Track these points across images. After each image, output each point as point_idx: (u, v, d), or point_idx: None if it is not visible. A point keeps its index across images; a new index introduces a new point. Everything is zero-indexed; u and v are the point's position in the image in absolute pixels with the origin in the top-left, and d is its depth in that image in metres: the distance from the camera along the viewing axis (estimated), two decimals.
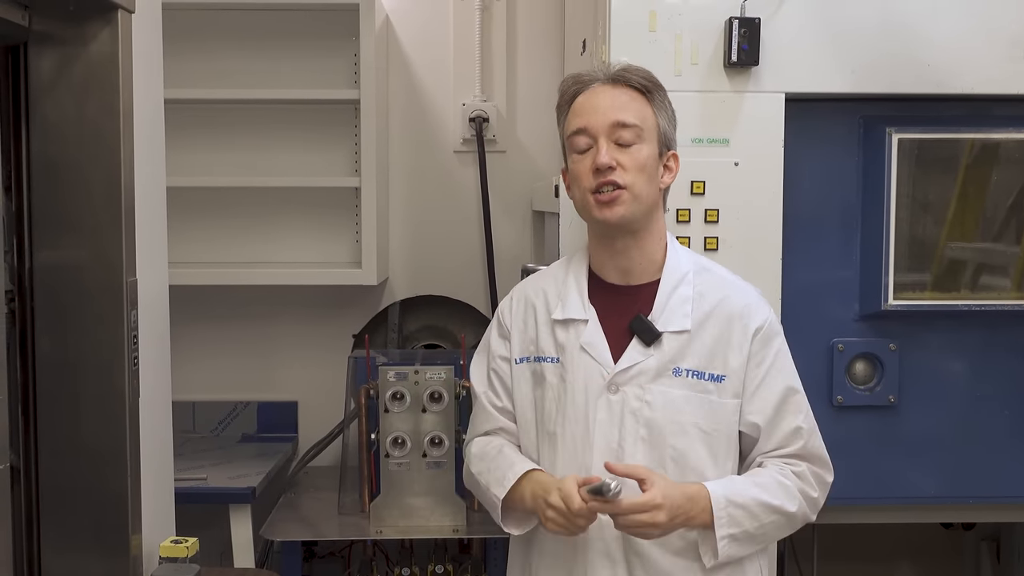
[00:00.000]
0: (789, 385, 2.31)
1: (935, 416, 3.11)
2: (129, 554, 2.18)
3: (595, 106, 2.29)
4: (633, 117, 2.26)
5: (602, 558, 2.25)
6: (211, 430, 4.32)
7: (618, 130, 2.25)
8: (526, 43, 4.28)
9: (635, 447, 2.23)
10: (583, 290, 2.35)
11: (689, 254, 2.39)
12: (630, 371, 2.25)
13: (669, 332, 2.25)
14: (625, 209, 2.24)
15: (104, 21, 2.10)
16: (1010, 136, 2.99)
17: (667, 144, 2.32)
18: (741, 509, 2.19)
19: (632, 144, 2.25)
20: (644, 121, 2.27)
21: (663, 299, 2.27)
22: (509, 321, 2.45)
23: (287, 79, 4.11)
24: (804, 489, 2.28)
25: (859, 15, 2.93)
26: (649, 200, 2.28)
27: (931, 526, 4.02)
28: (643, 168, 2.25)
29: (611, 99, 2.28)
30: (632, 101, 2.29)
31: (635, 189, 2.24)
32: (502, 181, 4.28)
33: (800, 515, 2.28)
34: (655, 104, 2.31)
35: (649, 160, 2.27)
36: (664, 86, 2.36)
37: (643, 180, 2.25)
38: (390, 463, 3.36)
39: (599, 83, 2.32)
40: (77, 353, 2.15)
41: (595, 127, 2.26)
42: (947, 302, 3.04)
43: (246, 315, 4.31)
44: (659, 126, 2.30)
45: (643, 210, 2.27)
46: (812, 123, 3.02)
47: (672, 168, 2.34)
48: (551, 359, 2.34)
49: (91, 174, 2.13)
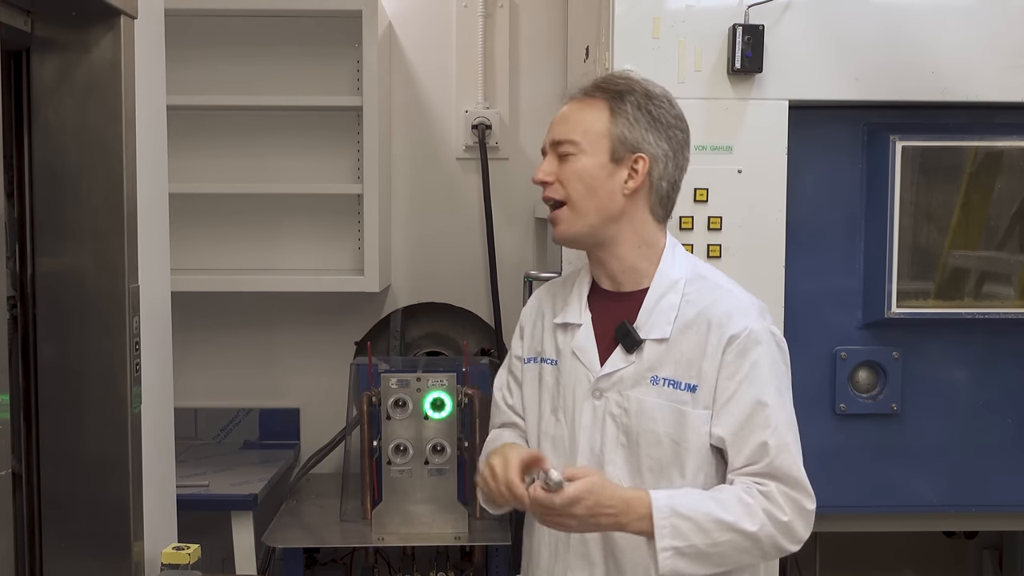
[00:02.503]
0: (759, 399, 2.17)
1: (938, 424, 3.11)
2: (131, 560, 2.18)
3: (551, 123, 2.31)
4: (572, 131, 2.24)
5: (581, 560, 2.27)
6: (213, 437, 4.32)
7: (557, 146, 2.26)
8: (529, 50, 4.29)
9: (615, 453, 2.23)
10: (583, 295, 2.36)
11: (688, 262, 2.32)
12: (612, 377, 2.24)
13: (650, 340, 2.23)
14: (567, 227, 2.26)
15: (107, 27, 2.10)
16: (1014, 144, 2.99)
17: (630, 148, 2.23)
18: (688, 521, 2.08)
19: (569, 157, 2.24)
20: (585, 133, 2.23)
21: (649, 307, 2.25)
22: (524, 322, 2.49)
23: (290, 86, 4.11)
24: (770, 510, 2.13)
25: (863, 22, 2.93)
26: (600, 211, 2.24)
27: (934, 535, 4.02)
28: (578, 179, 2.22)
29: (563, 115, 2.29)
30: (579, 112, 2.26)
31: (575, 202, 2.23)
32: (505, 188, 4.27)
33: (766, 539, 2.12)
34: (615, 110, 2.24)
35: (587, 169, 2.23)
36: (646, 89, 2.27)
37: (582, 191, 2.23)
38: (392, 470, 3.36)
39: (569, 99, 2.31)
40: (79, 359, 2.15)
41: (545, 145, 2.30)
42: (950, 310, 3.03)
43: (248, 322, 4.31)
44: (612, 133, 2.23)
45: (592, 223, 2.25)
46: (816, 130, 3.02)
47: (639, 171, 2.24)
48: (550, 361, 2.36)
49: (93, 180, 2.12)
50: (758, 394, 2.18)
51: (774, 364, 2.22)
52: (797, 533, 2.17)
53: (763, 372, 2.20)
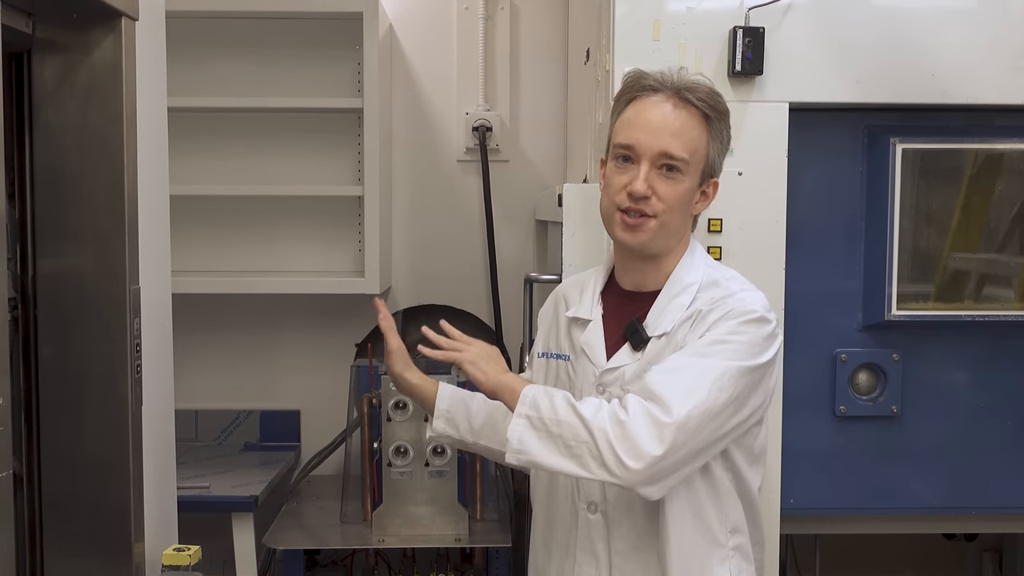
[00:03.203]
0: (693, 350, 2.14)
1: (938, 426, 3.11)
2: (131, 562, 2.18)
3: (647, 123, 2.20)
4: (683, 149, 2.18)
5: (588, 556, 2.29)
6: (214, 438, 4.32)
7: (664, 159, 2.18)
8: (529, 52, 4.29)
9: None
10: (596, 292, 2.36)
11: (706, 267, 2.30)
12: (615, 372, 2.25)
13: (654, 336, 2.24)
14: (648, 238, 2.21)
15: (108, 29, 2.10)
16: (1014, 146, 2.99)
17: (711, 172, 2.25)
18: (546, 396, 2.10)
19: (674, 176, 2.18)
20: (694, 153, 2.19)
21: (659, 308, 2.25)
22: (540, 322, 2.52)
23: (290, 88, 4.12)
24: (614, 409, 2.05)
25: (863, 25, 2.93)
26: (677, 230, 2.24)
27: (933, 537, 4.02)
28: (679, 201, 2.20)
29: (667, 121, 2.19)
30: (688, 127, 2.19)
31: (664, 219, 2.19)
32: (505, 190, 4.28)
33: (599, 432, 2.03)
34: (712, 132, 2.22)
35: (687, 194, 2.21)
36: (727, 107, 2.26)
37: (676, 212, 2.20)
38: (392, 472, 3.36)
39: (661, 95, 2.22)
40: (80, 361, 2.15)
41: (641, 149, 2.19)
42: (950, 312, 3.03)
43: (249, 324, 4.31)
44: (708, 156, 2.22)
45: (668, 239, 2.24)
46: (816, 133, 3.02)
47: (709, 195, 2.27)
48: (564, 357, 2.38)
49: (94, 182, 2.12)
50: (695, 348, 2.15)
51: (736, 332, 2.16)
52: (637, 440, 2.02)
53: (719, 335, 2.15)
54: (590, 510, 2.28)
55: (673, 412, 2.03)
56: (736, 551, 2.27)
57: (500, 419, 2.36)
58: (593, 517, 2.27)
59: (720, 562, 2.25)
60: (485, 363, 2.23)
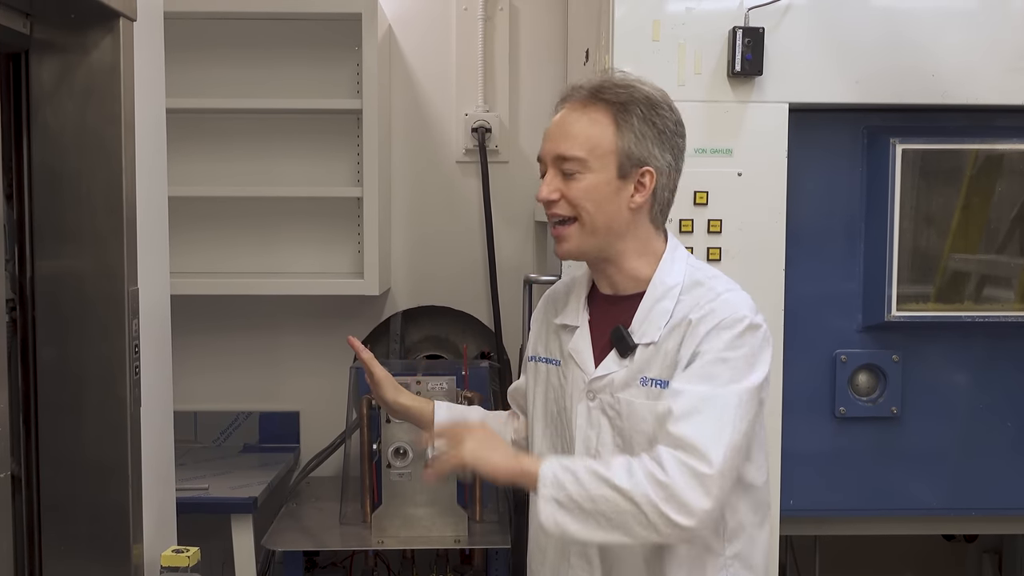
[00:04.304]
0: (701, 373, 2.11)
1: (938, 427, 3.11)
2: (130, 564, 2.17)
3: (548, 133, 2.25)
4: (577, 148, 2.18)
5: (580, 560, 2.28)
6: (213, 440, 4.31)
7: (561, 162, 2.20)
8: (529, 53, 4.29)
9: (610, 453, 2.22)
10: (581, 297, 2.36)
11: (687, 267, 2.28)
12: (603, 379, 2.25)
13: (642, 344, 2.23)
14: (574, 244, 2.22)
15: (105, 29, 2.10)
16: (1014, 147, 2.99)
17: (636, 163, 2.20)
18: (569, 473, 2.05)
19: (574, 174, 2.19)
20: (593, 149, 2.18)
21: (643, 313, 2.24)
22: (533, 325, 2.52)
23: (289, 89, 4.11)
24: (650, 469, 2.01)
25: (863, 25, 2.93)
26: (608, 227, 2.21)
27: (933, 538, 4.02)
28: (587, 198, 2.19)
29: (564, 126, 2.21)
30: (584, 125, 2.20)
31: (584, 220, 2.19)
32: (504, 192, 4.27)
33: (643, 499, 1.99)
34: (620, 123, 2.19)
35: (596, 188, 2.19)
36: (647, 96, 2.22)
37: (591, 209, 2.19)
38: (392, 473, 3.35)
39: (570, 102, 2.24)
40: (78, 362, 2.15)
41: (545, 158, 2.24)
42: (950, 313, 3.03)
43: (248, 325, 4.30)
44: (619, 148, 2.18)
45: (602, 239, 2.22)
46: (816, 133, 3.03)
47: (646, 184, 2.21)
48: (555, 362, 2.38)
49: (92, 183, 2.12)
50: (701, 371, 2.12)
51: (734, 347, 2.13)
52: (684, 498, 1.99)
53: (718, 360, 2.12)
54: None
55: (712, 461, 2.01)
56: (736, 559, 2.24)
57: (500, 427, 2.51)
58: None
59: (716, 570, 2.23)
60: (488, 453, 2.14)
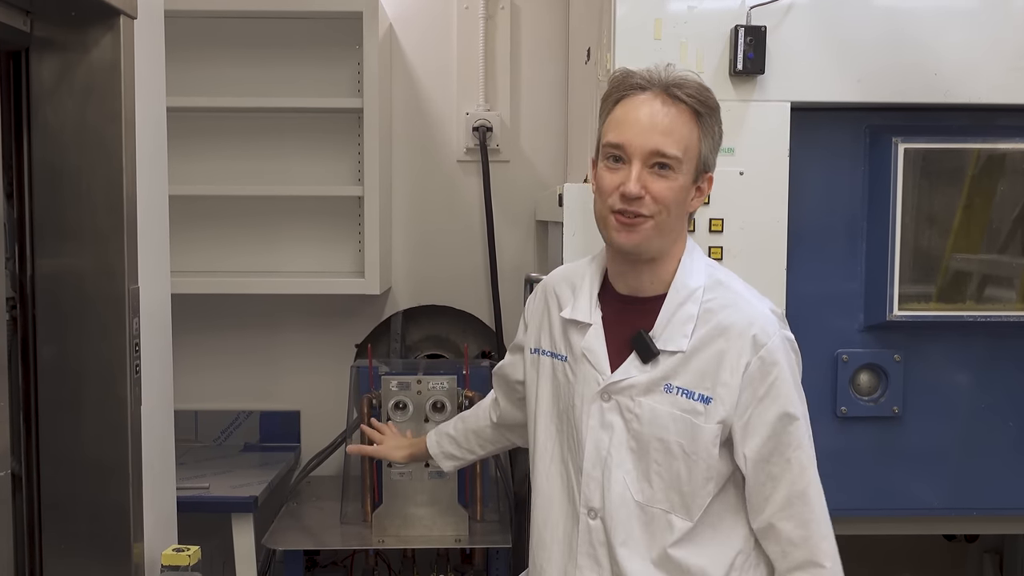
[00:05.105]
0: (785, 411, 2.16)
1: (939, 427, 3.10)
2: (131, 562, 2.18)
3: (637, 122, 2.14)
4: (674, 147, 2.12)
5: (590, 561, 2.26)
6: (213, 439, 4.31)
7: (656, 158, 2.12)
8: (530, 52, 4.28)
9: (622, 455, 2.21)
10: (594, 293, 2.31)
11: (706, 267, 2.26)
12: (622, 383, 2.21)
13: (667, 352, 2.19)
14: (643, 238, 2.15)
15: (106, 27, 2.10)
16: (1016, 146, 2.98)
17: (704, 168, 2.20)
18: None
19: (667, 175, 2.13)
20: (686, 150, 2.14)
21: (666, 317, 2.20)
22: (529, 318, 2.50)
23: (290, 87, 4.11)
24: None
25: (865, 24, 2.93)
26: (674, 228, 2.19)
27: (934, 538, 4.02)
28: (675, 199, 2.14)
29: (656, 119, 2.13)
30: (679, 124, 2.14)
31: (660, 219, 2.14)
32: (505, 191, 4.27)
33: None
34: (703, 128, 2.17)
35: (683, 190, 2.15)
36: (718, 103, 2.21)
37: (674, 210, 2.16)
38: (392, 473, 3.35)
39: (649, 92, 2.16)
40: (79, 361, 2.15)
41: (632, 149, 2.13)
42: (952, 313, 3.02)
43: (248, 324, 4.31)
44: (700, 152, 2.17)
45: (666, 240, 2.19)
46: (818, 132, 3.02)
47: (704, 190, 2.22)
48: (562, 357, 2.33)
49: (93, 181, 2.12)
50: (783, 407, 2.16)
51: (793, 375, 2.20)
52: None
53: (785, 387, 2.16)
54: (590, 515, 2.25)
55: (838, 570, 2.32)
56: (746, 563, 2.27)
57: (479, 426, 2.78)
58: (593, 523, 2.24)
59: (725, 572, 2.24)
60: None
